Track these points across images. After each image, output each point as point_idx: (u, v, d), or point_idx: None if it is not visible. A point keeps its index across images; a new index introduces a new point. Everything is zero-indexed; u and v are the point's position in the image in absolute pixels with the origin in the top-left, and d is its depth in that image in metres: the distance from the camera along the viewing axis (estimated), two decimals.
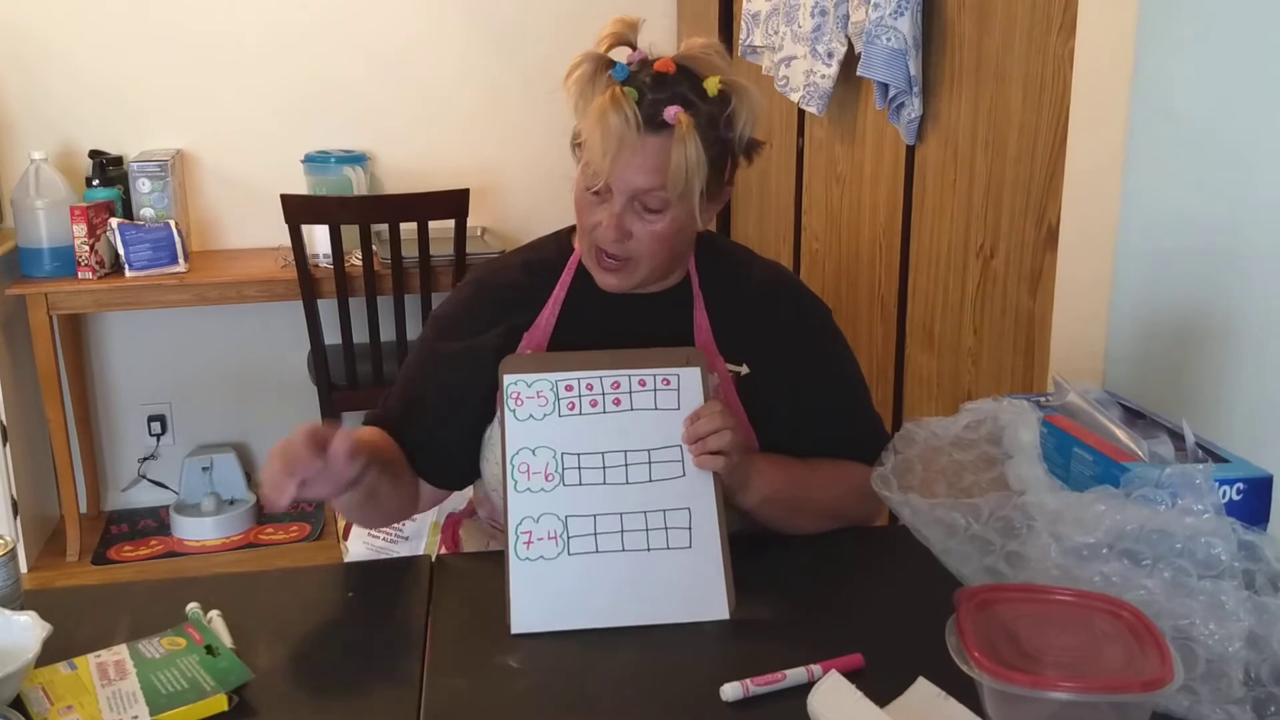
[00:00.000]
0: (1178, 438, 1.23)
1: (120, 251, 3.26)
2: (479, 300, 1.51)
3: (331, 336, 3.26)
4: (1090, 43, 1.71)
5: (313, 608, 1.31)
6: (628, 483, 1.30)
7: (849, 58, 2.40)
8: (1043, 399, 1.36)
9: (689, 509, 1.30)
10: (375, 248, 3.29)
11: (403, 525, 1.75)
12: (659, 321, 1.47)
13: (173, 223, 3.34)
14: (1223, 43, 1.46)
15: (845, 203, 2.67)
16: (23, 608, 1.17)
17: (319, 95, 3.65)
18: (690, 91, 1.35)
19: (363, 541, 1.75)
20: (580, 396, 1.33)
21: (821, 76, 2.49)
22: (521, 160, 3.78)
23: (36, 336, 3.22)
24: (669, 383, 1.34)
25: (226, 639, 1.21)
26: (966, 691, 1.05)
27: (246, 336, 3.74)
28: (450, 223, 3.20)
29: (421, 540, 1.73)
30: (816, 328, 1.54)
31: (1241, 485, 1.13)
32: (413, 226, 3.17)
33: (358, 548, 1.75)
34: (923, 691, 1.09)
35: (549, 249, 1.53)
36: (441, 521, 1.69)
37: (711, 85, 1.35)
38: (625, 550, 1.28)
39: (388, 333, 3.25)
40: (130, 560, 3.44)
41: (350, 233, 3.18)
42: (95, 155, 3.47)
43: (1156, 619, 1.04)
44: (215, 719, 1.09)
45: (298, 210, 3.13)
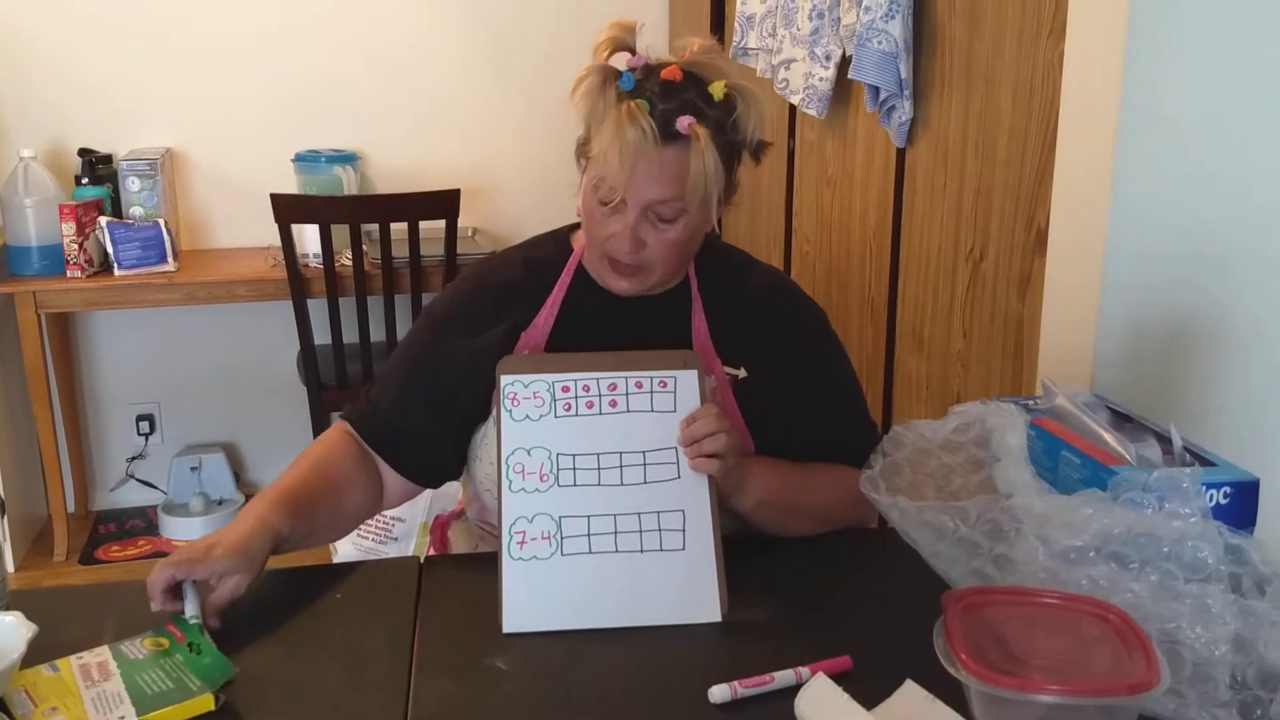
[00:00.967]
0: (1165, 441, 1.23)
1: (109, 250, 3.25)
2: (480, 297, 1.50)
3: (321, 336, 3.25)
4: (1080, 47, 1.71)
5: (301, 608, 1.31)
6: (622, 484, 1.30)
7: (841, 61, 2.40)
8: (1031, 402, 1.36)
9: (683, 511, 1.30)
10: (365, 248, 3.29)
11: (392, 526, 1.75)
12: (657, 324, 1.46)
13: (162, 221, 3.33)
14: (1212, 48, 1.46)
15: (836, 205, 2.67)
16: (9, 608, 1.16)
17: (309, 94, 3.65)
18: (699, 99, 1.34)
19: (351, 542, 1.75)
20: (577, 398, 1.33)
21: (820, 79, 2.50)
22: (513, 161, 3.78)
23: (24, 335, 3.20)
24: (666, 385, 1.34)
25: (193, 607, 1.22)
26: (954, 694, 1.05)
27: (236, 336, 3.73)
28: (441, 223, 3.20)
29: (411, 541, 1.73)
30: (814, 332, 1.54)
31: (1228, 489, 1.13)
32: (403, 227, 3.16)
33: (346, 548, 1.75)
34: (910, 694, 1.10)
35: (547, 248, 1.52)
36: (430, 523, 1.69)
37: (717, 90, 1.35)
38: (619, 551, 1.28)
39: (378, 333, 3.24)
40: (118, 560, 3.42)
41: (340, 232, 3.17)
42: (84, 153, 3.45)
43: (1143, 622, 1.04)
44: (203, 719, 1.08)
45: (288, 210, 3.12)
